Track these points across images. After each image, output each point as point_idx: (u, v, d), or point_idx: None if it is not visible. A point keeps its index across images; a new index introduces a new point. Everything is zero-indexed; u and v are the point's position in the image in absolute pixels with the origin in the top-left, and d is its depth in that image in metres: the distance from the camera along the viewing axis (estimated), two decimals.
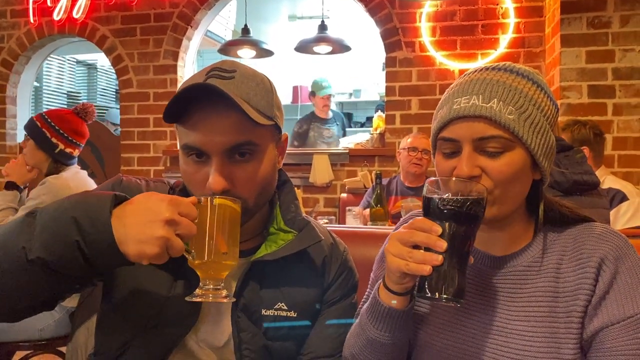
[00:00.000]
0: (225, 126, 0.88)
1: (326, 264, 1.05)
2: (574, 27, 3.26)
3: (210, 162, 0.89)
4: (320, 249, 1.04)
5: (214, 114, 0.88)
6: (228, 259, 0.83)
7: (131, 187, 1.02)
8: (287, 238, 0.99)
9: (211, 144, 0.88)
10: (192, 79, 0.93)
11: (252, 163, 0.92)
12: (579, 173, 1.80)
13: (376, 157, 3.97)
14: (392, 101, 3.95)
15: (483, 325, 0.91)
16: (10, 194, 2.31)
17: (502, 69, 0.89)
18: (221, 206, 0.83)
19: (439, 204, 0.79)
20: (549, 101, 0.88)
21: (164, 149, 4.30)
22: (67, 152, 2.32)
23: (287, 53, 5.03)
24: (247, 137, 0.90)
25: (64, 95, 6.89)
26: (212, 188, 0.88)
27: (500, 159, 0.84)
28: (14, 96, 4.62)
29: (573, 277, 0.87)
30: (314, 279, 1.04)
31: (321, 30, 4.23)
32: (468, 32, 3.81)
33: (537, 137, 0.85)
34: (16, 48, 4.54)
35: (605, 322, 0.83)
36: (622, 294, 0.84)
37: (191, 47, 4.43)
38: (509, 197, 0.86)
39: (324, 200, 4.02)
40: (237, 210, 0.85)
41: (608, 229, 0.90)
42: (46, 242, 0.75)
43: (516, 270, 0.91)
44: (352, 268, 1.10)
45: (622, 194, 2.28)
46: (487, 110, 0.83)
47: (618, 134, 3.24)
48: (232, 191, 0.89)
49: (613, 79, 3.23)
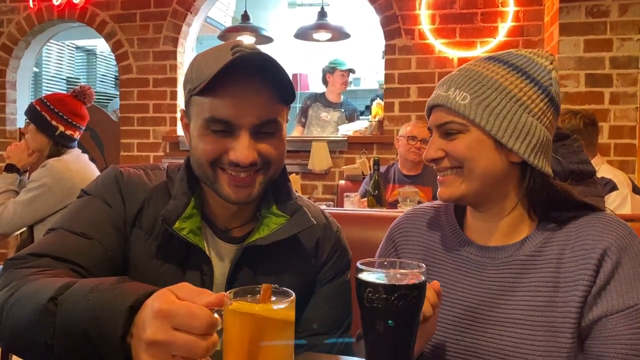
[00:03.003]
0: (259, 102, 0.90)
1: (319, 245, 1.07)
2: (572, 15, 3.27)
3: (235, 136, 0.91)
4: (313, 231, 1.05)
5: (251, 89, 0.90)
6: None
7: (133, 180, 1.02)
8: (279, 222, 0.99)
9: (243, 118, 0.90)
10: (218, 57, 0.91)
11: (274, 140, 0.94)
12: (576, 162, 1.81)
13: (374, 144, 3.99)
14: (391, 89, 3.96)
15: (480, 316, 0.92)
16: (10, 176, 2.33)
17: (485, 59, 0.95)
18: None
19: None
20: (524, 84, 0.90)
21: (163, 135, 4.31)
22: (67, 135, 2.34)
23: (287, 40, 5.03)
24: (274, 115, 0.93)
25: (63, 80, 6.89)
26: (241, 161, 0.90)
27: (455, 140, 0.92)
28: (13, 81, 4.62)
29: (574, 267, 0.88)
30: (307, 261, 1.05)
31: (321, 17, 4.24)
32: (467, 20, 3.81)
33: (494, 119, 0.89)
34: (16, 33, 4.54)
35: (605, 312, 0.84)
36: (624, 284, 0.85)
37: (191, 34, 4.42)
38: (474, 175, 0.91)
39: (322, 187, 4.04)
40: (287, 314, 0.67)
41: (613, 219, 0.91)
42: (65, 348, 0.71)
43: (517, 261, 0.92)
44: (345, 247, 1.12)
45: (613, 183, 2.32)
46: (443, 99, 0.92)
47: (615, 123, 3.26)
48: (257, 163, 0.92)
49: (610, 68, 3.24)
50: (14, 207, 2.19)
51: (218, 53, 0.93)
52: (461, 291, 0.96)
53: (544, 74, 0.92)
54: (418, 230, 1.06)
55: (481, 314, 0.92)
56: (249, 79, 0.90)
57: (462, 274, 0.97)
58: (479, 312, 0.93)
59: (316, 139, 4.06)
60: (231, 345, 0.66)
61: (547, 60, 0.93)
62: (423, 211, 1.09)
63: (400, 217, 1.11)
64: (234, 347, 0.66)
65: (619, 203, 2.31)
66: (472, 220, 1.00)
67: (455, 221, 1.02)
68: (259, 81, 0.90)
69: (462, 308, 0.94)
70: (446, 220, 1.04)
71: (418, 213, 1.09)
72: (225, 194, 0.95)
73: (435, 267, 1.01)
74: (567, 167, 1.80)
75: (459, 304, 0.95)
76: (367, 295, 0.70)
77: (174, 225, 0.94)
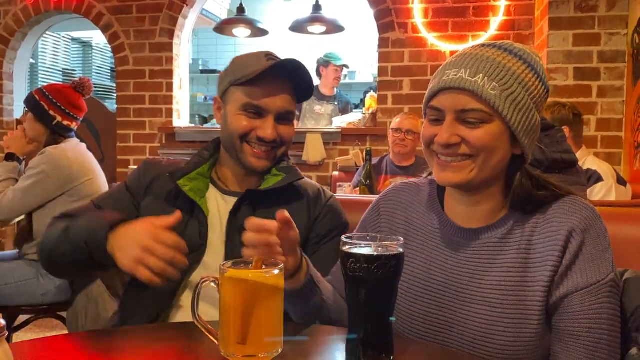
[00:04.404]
0: (285, 96, 1.23)
1: (311, 203, 1.27)
2: (562, 10, 3.33)
3: (263, 118, 1.21)
4: (305, 188, 1.29)
5: (278, 87, 1.22)
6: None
7: (150, 163, 1.33)
8: (277, 179, 1.25)
9: (273, 106, 1.21)
10: (257, 59, 1.23)
11: (289, 126, 1.26)
12: (558, 152, 1.87)
13: (368, 136, 4.05)
14: (385, 81, 4.02)
15: (456, 293, 0.97)
16: (10, 164, 2.38)
17: (497, 47, 0.94)
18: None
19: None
20: (538, 82, 0.93)
21: (159, 126, 4.36)
22: (64, 125, 2.38)
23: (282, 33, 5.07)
24: (292, 108, 1.26)
25: (60, 72, 6.91)
26: (266, 137, 1.20)
27: (478, 129, 0.90)
28: (10, 72, 4.65)
29: (543, 248, 0.93)
30: (301, 211, 1.25)
31: (315, 10, 4.28)
32: (459, 14, 3.87)
33: (517, 114, 0.90)
34: (12, 24, 4.57)
35: (571, 289, 0.90)
36: (587, 262, 0.90)
37: (187, 26, 4.46)
38: (486, 165, 0.92)
39: (316, 178, 4.10)
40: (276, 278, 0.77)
41: (578, 201, 0.95)
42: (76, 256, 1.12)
43: (491, 242, 0.97)
44: (340, 210, 1.31)
45: (598, 174, 2.39)
46: (472, 84, 0.89)
47: (602, 116, 3.33)
48: (277, 141, 1.22)
49: (598, 62, 3.31)
50: (13, 194, 2.24)
51: (256, 56, 1.25)
52: (439, 268, 1.00)
53: (542, 71, 0.95)
54: (403, 205, 1.09)
55: (457, 291, 0.97)
56: (278, 79, 1.21)
57: (441, 252, 1.01)
58: (455, 289, 0.97)
59: (310, 130, 4.12)
60: (227, 311, 0.74)
61: (539, 58, 0.96)
62: (410, 187, 1.12)
63: (389, 189, 1.14)
64: (230, 312, 0.74)
65: (604, 194, 2.38)
66: (451, 202, 1.03)
67: (437, 200, 1.06)
68: (287, 82, 1.23)
69: (440, 285, 0.99)
70: (429, 199, 1.07)
71: (406, 187, 1.12)
72: (247, 162, 1.23)
73: (416, 243, 1.04)
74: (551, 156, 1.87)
75: (437, 281, 0.99)
76: (350, 265, 0.77)
77: (178, 180, 1.20)
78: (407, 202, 1.10)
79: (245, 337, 0.73)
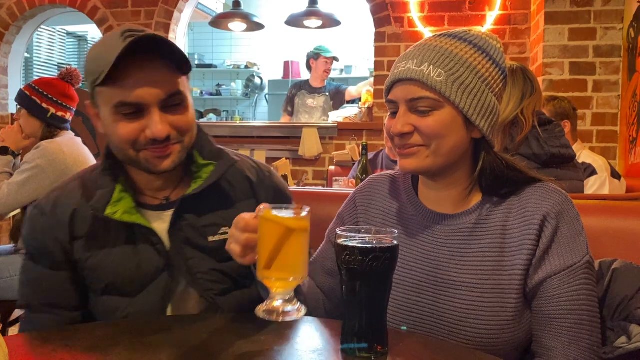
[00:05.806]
0: (159, 78, 0.97)
1: (254, 186, 1.14)
2: (558, 4, 3.33)
3: (145, 115, 0.98)
4: (242, 170, 1.14)
5: (147, 69, 0.96)
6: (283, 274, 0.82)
7: (48, 209, 1.09)
8: (208, 170, 1.08)
9: (149, 96, 0.96)
10: (110, 45, 0.95)
11: (182, 110, 1.02)
12: (557, 147, 1.87)
13: (364, 130, 4.05)
14: (381, 76, 4.02)
15: (434, 279, 0.98)
16: (4, 158, 2.37)
17: (448, 36, 0.97)
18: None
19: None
20: (490, 65, 0.95)
21: None
22: (59, 116, 2.38)
23: (278, 27, 5.06)
24: (176, 87, 1.00)
25: (55, 66, 6.87)
26: (157, 135, 0.97)
27: (429, 117, 0.93)
28: (5, 66, 4.63)
29: (518, 233, 0.95)
30: (246, 198, 1.12)
31: (312, 4, 4.27)
32: (456, 9, 3.86)
33: (467, 97, 0.93)
34: (7, 18, 4.54)
35: (549, 273, 0.92)
36: (563, 246, 0.93)
37: (182, 20, 4.44)
38: (442, 151, 0.94)
39: (312, 173, 4.11)
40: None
41: (550, 187, 0.98)
42: None
43: (465, 228, 0.99)
44: (282, 183, 1.20)
45: (592, 168, 2.40)
46: (417, 74, 0.93)
47: (597, 110, 3.34)
48: (172, 136, 1.00)
49: (594, 57, 3.31)
50: (8, 189, 2.24)
51: (109, 42, 0.98)
52: (417, 256, 1.01)
53: (499, 55, 0.97)
54: (379, 196, 1.11)
55: (435, 277, 0.98)
56: (144, 60, 0.96)
57: (417, 239, 1.03)
58: (433, 275, 0.99)
59: (306, 125, 4.11)
60: (262, 245, 0.82)
61: (497, 42, 0.98)
62: (385, 178, 1.14)
63: (365, 182, 1.16)
64: (265, 246, 0.82)
65: (598, 187, 2.40)
66: (424, 189, 1.05)
67: (412, 189, 1.08)
68: (154, 59, 0.97)
69: (418, 271, 1.00)
70: (404, 188, 1.09)
71: (381, 179, 1.14)
72: (150, 167, 1.02)
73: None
74: (549, 150, 1.87)
75: (415, 268, 1.01)
76: (344, 257, 0.78)
77: (105, 212, 1.01)
78: (383, 192, 1.12)
79: (270, 264, 0.81)
